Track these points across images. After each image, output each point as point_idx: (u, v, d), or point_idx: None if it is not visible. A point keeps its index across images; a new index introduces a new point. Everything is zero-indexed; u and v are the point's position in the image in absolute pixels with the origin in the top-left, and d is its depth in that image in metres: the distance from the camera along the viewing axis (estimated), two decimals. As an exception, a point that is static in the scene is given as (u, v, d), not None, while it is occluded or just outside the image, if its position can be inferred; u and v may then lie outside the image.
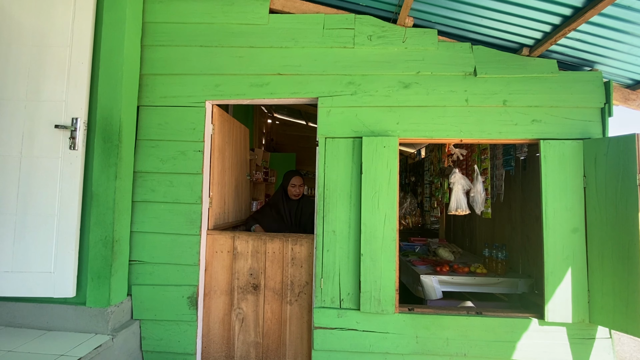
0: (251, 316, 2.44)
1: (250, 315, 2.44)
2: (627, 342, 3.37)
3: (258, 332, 2.43)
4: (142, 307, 2.34)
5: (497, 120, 2.32)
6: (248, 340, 2.44)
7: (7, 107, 2.13)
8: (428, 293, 2.65)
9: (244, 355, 2.44)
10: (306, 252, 2.42)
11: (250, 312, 2.44)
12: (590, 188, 2.18)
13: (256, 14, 2.44)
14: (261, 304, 2.43)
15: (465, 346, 2.21)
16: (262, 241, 2.45)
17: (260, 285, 2.44)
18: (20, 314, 2.15)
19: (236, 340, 2.44)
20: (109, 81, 2.20)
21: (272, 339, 2.43)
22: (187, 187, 2.38)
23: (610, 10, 1.88)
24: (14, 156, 2.11)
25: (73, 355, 1.83)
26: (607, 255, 2.08)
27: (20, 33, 2.16)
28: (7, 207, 2.09)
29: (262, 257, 2.45)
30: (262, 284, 2.44)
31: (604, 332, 2.17)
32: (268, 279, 2.44)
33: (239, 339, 2.44)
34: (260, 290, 2.44)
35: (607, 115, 2.28)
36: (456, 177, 2.93)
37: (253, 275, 2.45)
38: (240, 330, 2.45)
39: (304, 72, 2.41)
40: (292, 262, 2.44)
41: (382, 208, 2.25)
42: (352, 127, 2.36)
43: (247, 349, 2.44)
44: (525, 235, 2.90)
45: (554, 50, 2.34)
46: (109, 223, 2.15)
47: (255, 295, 2.45)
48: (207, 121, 2.43)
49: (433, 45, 2.38)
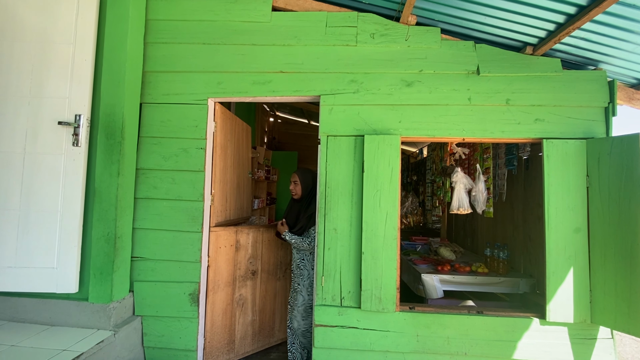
0: (250, 299, 2.69)
1: (249, 298, 2.67)
2: (629, 342, 3.36)
3: (255, 310, 2.73)
4: (144, 303, 2.35)
5: (499, 119, 2.32)
6: (247, 321, 2.65)
7: (11, 104, 2.14)
8: (429, 292, 2.65)
9: (243, 336, 2.63)
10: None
11: (249, 295, 2.68)
12: (593, 188, 2.17)
13: (259, 12, 2.44)
14: (258, 286, 2.76)
15: (466, 345, 2.21)
16: (259, 232, 2.77)
17: (257, 270, 2.75)
18: (23, 309, 2.17)
19: (237, 324, 2.60)
20: (112, 78, 2.21)
21: (266, 313, 2.80)
22: (189, 184, 2.39)
23: (615, 9, 1.86)
24: (17, 152, 2.12)
25: (75, 350, 1.85)
26: (610, 255, 2.07)
27: (24, 30, 2.17)
28: (11, 203, 2.10)
29: (260, 246, 2.76)
30: (259, 269, 2.76)
31: (605, 332, 2.17)
32: (264, 263, 2.79)
33: (239, 322, 2.61)
34: (257, 275, 2.75)
35: (610, 114, 2.27)
36: (458, 176, 2.93)
37: (252, 262, 2.72)
38: (241, 314, 2.62)
39: (306, 70, 2.40)
40: (282, 245, 2.91)
41: (384, 206, 2.25)
42: (354, 125, 2.36)
43: (246, 328, 2.65)
44: (527, 234, 2.89)
45: (557, 49, 2.32)
46: (111, 219, 2.16)
47: (254, 280, 2.70)
48: (209, 119, 2.44)
49: (436, 43, 2.37)
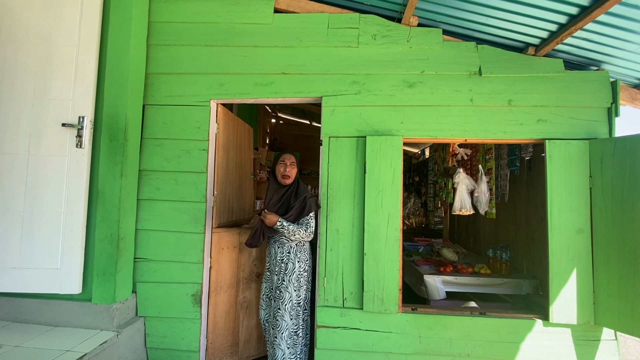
0: (255, 301, 2.61)
1: (253, 301, 2.60)
2: (632, 344, 3.34)
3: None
4: (147, 304, 2.36)
5: (502, 119, 2.31)
6: (251, 324, 2.60)
7: (15, 106, 2.15)
8: (431, 293, 2.65)
9: (247, 339, 2.58)
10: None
11: (254, 298, 2.60)
12: (596, 188, 2.16)
13: (261, 14, 2.45)
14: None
15: (468, 346, 2.20)
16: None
17: (262, 272, 2.62)
18: (27, 309, 2.18)
19: (241, 327, 2.56)
20: (115, 80, 2.22)
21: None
22: (191, 185, 2.39)
23: (618, 9, 1.86)
24: (21, 154, 2.13)
25: (78, 351, 1.85)
26: (613, 256, 2.06)
27: (28, 33, 2.18)
28: (15, 204, 2.11)
29: (265, 248, 2.58)
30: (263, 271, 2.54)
31: (609, 334, 2.16)
32: None
33: (244, 325, 2.57)
34: (262, 277, 2.60)
35: (613, 115, 2.26)
36: (460, 177, 2.92)
37: (257, 265, 2.62)
38: (245, 316, 2.58)
39: (308, 72, 2.41)
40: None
41: (386, 207, 2.25)
42: (356, 127, 2.36)
43: (250, 332, 2.60)
44: (530, 235, 2.88)
45: (560, 49, 2.32)
46: (114, 221, 2.17)
47: (258, 282, 2.61)
48: (211, 120, 2.45)
49: (438, 44, 2.38)
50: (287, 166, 2.19)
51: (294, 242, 2.18)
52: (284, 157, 2.22)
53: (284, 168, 2.19)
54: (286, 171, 2.19)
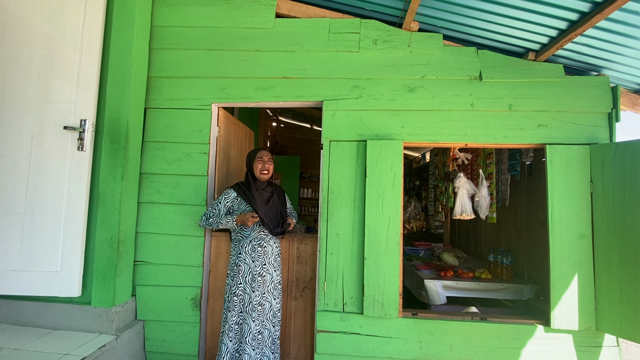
0: None
1: None
2: (635, 350, 3.31)
3: None
4: (146, 307, 2.35)
5: (502, 124, 2.32)
6: None
7: (17, 109, 2.17)
8: (432, 298, 2.63)
9: None
10: (311, 250, 2.50)
11: None
12: (597, 193, 2.16)
13: (262, 18, 2.47)
14: None
15: (469, 352, 2.19)
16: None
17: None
18: (27, 312, 2.17)
19: None
20: (117, 83, 2.24)
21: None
22: (192, 188, 2.40)
23: (617, 15, 1.87)
24: (23, 157, 2.14)
25: (77, 354, 1.85)
26: (615, 262, 2.05)
27: (31, 36, 2.20)
28: (16, 206, 2.12)
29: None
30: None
31: (611, 340, 2.14)
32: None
33: None
34: None
35: (614, 120, 2.26)
36: (461, 182, 2.91)
37: None
38: None
39: (309, 76, 2.42)
40: (298, 260, 2.50)
41: (386, 212, 2.24)
42: (357, 131, 2.37)
43: None
44: (531, 240, 2.87)
45: (560, 54, 2.33)
46: (114, 223, 2.17)
47: None
48: (212, 123, 2.46)
49: (438, 49, 2.39)
50: (265, 162, 2.22)
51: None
52: (262, 154, 2.24)
53: (262, 165, 2.21)
54: (265, 167, 2.22)
